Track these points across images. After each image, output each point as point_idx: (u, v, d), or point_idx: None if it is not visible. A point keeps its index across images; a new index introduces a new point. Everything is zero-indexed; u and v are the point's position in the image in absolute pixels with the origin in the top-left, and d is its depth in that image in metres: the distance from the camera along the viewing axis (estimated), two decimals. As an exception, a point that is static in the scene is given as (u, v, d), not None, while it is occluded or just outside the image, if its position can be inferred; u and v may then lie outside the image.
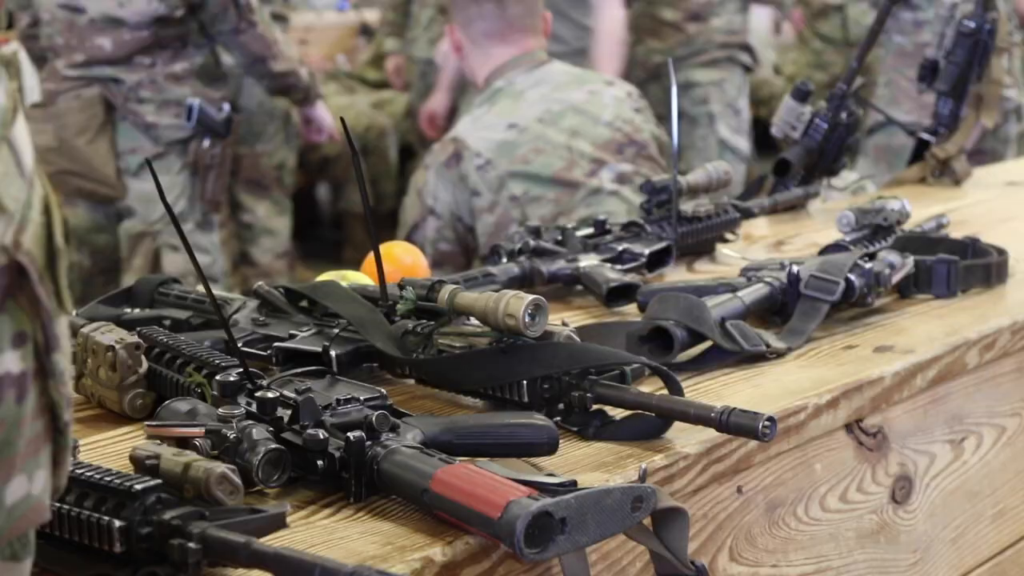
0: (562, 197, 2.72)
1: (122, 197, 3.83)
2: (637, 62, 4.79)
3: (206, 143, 3.80)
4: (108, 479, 0.95)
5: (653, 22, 4.90)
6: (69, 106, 3.74)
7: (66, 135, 3.76)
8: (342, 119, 1.31)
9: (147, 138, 3.78)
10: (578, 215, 2.65)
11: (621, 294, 1.70)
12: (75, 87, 3.75)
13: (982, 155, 3.64)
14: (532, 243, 1.80)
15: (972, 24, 2.63)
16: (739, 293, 1.59)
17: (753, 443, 1.29)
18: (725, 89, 4.91)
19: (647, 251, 1.82)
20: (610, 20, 4.57)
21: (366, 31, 7.36)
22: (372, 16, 7.40)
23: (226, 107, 3.84)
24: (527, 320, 1.25)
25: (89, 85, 3.74)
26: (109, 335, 1.31)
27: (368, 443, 1.09)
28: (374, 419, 1.11)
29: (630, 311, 1.69)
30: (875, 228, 1.88)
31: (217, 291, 1.44)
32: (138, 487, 0.94)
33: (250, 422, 1.12)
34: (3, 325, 0.65)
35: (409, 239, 2.78)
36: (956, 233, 1.95)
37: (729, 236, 2.04)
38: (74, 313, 1.48)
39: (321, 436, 1.10)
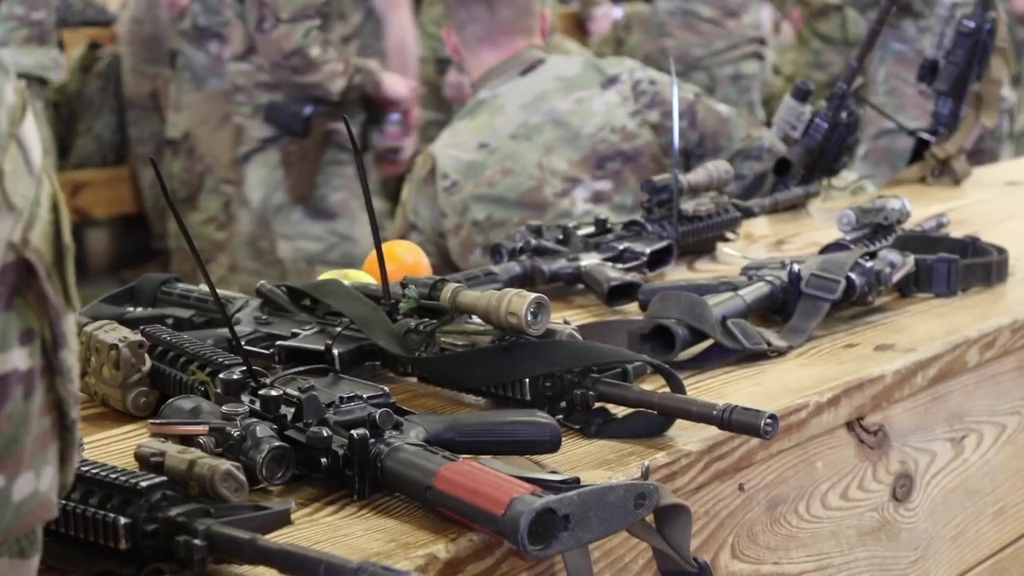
0: (528, 219, 2.68)
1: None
2: (669, 56, 4.86)
3: (286, 141, 4.04)
4: (113, 476, 0.96)
5: (688, 18, 5.29)
6: None
7: None
8: (344, 117, 1.31)
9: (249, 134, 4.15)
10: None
11: (622, 293, 1.70)
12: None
13: (980, 154, 3.65)
14: (533, 242, 1.80)
15: (972, 24, 2.63)
16: (740, 292, 1.59)
17: (755, 441, 1.29)
18: (758, 79, 5.41)
19: (648, 250, 1.83)
20: (399, 29, 4.52)
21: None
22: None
23: (307, 108, 3.92)
24: (529, 318, 1.26)
25: None
26: (113, 333, 1.31)
27: (372, 441, 1.10)
28: (377, 417, 1.11)
29: (631, 310, 1.69)
30: (875, 227, 1.88)
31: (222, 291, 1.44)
32: (143, 484, 0.94)
33: (254, 420, 1.12)
34: (11, 322, 0.65)
35: None
36: (956, 232, 1.95)
37: (730, 235, 2.04)
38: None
39: (325, 434, 1.10)
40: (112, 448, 1.24)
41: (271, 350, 1.40)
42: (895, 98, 4.23)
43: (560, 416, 1.25)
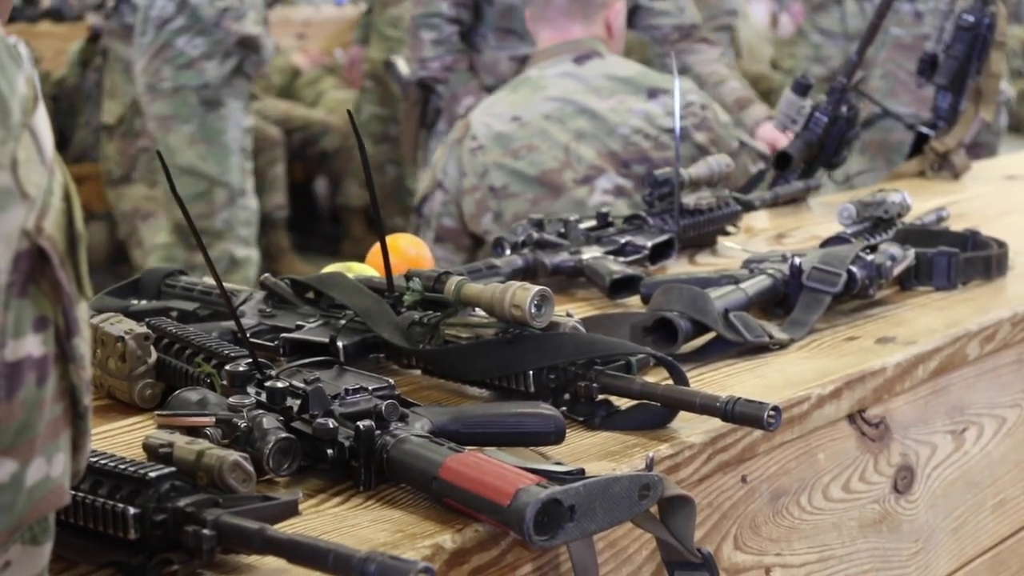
0: (541, 199, 2.70)
1: None
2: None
3: None
4: (122, 467, 0.96)
5: None
6: None
7: None
8: (349, 112, 1.32)
9: None
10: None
11: (624, 286, 1.71)
12: None
13: (978, 148, 3.65)
14: (535, 235, 1.81)
15: (971, 18, 2.64)
16: (742, 285, 1.60)
17: (757, 433, 1.30)
18: (729, 53, 5.29)
19: (649, 243, 1.83)
20: None
21: (364, 25, 7.36)
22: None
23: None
24: (533, 311, 1.26)
25: None
26: (118, 326, 1.32)
27: (377, 432, 1.10)
28: (383, 408, 1.11)
29: (633, 303, 1.70)
30: (876, 221, 1.89)
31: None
32: (152, 474, 0.94)
33: (260, 411, 1.13)
34: (25, 309, 0.66)
35: (419, 211, 2.81)
36: (956, 226, 1.96)
37: (730, 229, 2.05)
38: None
39: (331, 425, 1.11)
40: (118, 439, 1.24)
41: (275, 342, 1.40)
42: (887, 82, 4.22)
43: (564, 408, 1.26)
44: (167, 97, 4.89)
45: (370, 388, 1.17)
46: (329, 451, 1.11)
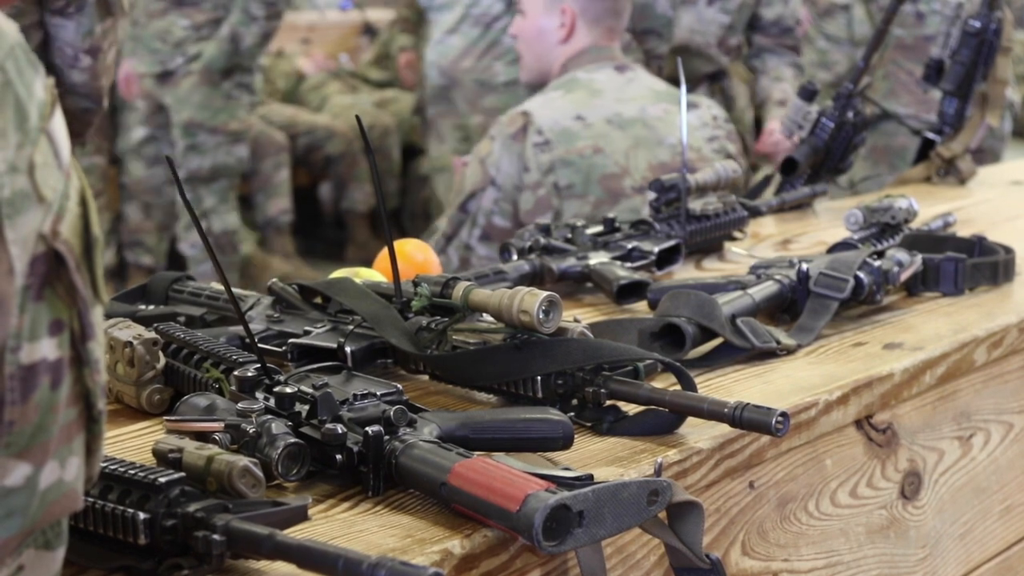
0: (602, 203, 2.68)
1: None
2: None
3: None
4: (132, 472, 0.96)
5: None
6: None
7: None
8: (357, 117, 1.32)
9: None
10: None
11: (631, 291, 1.71)
12: None
13: (982, 154, 3.65)
14: (542, 241, 1.81)
15: (978, 24, 2.64)
16: (749, 290, 1.60)
17: (765, 439, 1.30)
18: None
19: (656, 249, 1.83)
20: None
21: (369, 30, 7.37)
22: (375, 15, 7.41)
23: None
24: (541, 316, 1.26)
25: None
26: (127, 331, 1.32)
27: (386, 437, 1.10)
28: (392, 414, 1.12)
29: (640, 308, 1.70)
30: (883, 226, 1.89)
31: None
32: (162, 480, 0.95)
33: (269, 417, 1.13)
34: (41, 312, 0.66)
35: (463, 208, 2.78)
36: (962, 232, 1.96)
37: (737, 234, 2.05)
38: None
39: (339, 431, 1.11)
40: (127, 445, 1.24)
41: (283, 348, 1.40)
42: (888, 82, 4.21)
43: (572, 414, 1.26)
44: (499, 92, 4.95)
45: (378, 393, 1.17)
46: (338, 456, 1.11)
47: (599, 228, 1.87)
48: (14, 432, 0.66)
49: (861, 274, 1.62)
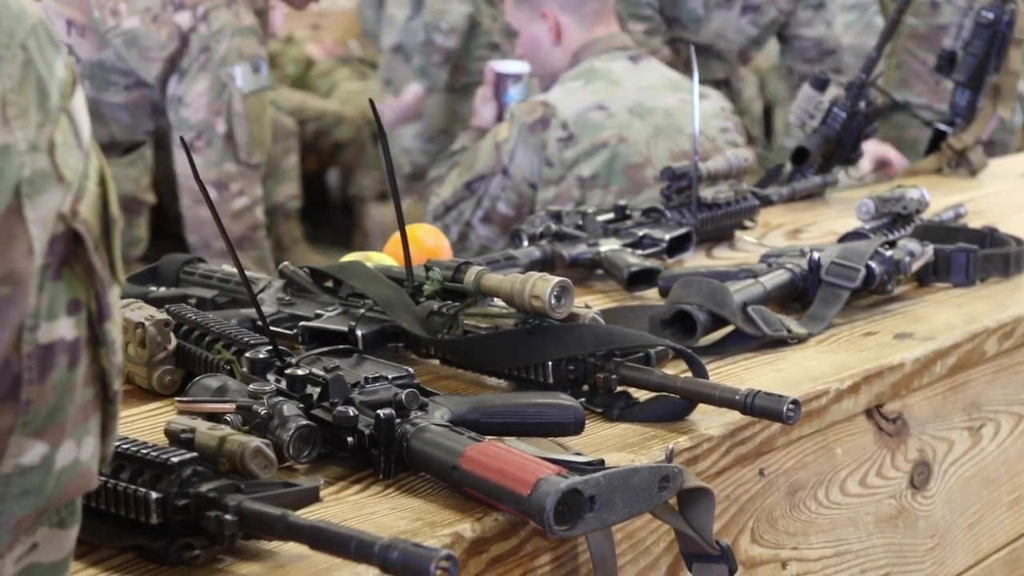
0: (625, 192, 2.67)
1: None
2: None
3: None
4: (144, 452, 0.96)
5: None
6: None
7: None
8: (371, 101, 1.32)
9: None
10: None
11: (642, 279, 1.71)
12: None
13: (993, 145, 3.64)
14: (553, 227, 1.81)
15: (990, 15, 2.63)
16: (760, 279, 1.60)
17: (776, 426, 1.30)
18: None
19: (667, 236, 1.83)
20: None
21: (379, 17, 7.35)
22: (385, 2, 7.39)
23: None
24: (553, 302, 1.26)
25: None
26: (139, 312, 1.32)
27: (398, 421, 1.10)
28: (403, 397, 1.12)
29: (651, 295, 1.69)
30: (894, 216, 1.89)
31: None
32: (175, 459, 0.95)
33: (280, 399, 1.13)
34: (59, 292, 0.66)
35: (469, 186, 2.77)
36: (973, 223, 1.95)
37: (748, 223, 2.05)
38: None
39: (351, 413, 1.11)
40: (138, 425, 1.25)
41: (294, 331, 1.40)
42: (901, 71, 4.20)
43: (583, 399, 1.26)
44: None
45: (390, 377, 1.17)
46: (349, 439, 1.11)
47: (610, 215, 1.87)
48: (31, 411, 0.66)
49: (873, 263, 1.62)
